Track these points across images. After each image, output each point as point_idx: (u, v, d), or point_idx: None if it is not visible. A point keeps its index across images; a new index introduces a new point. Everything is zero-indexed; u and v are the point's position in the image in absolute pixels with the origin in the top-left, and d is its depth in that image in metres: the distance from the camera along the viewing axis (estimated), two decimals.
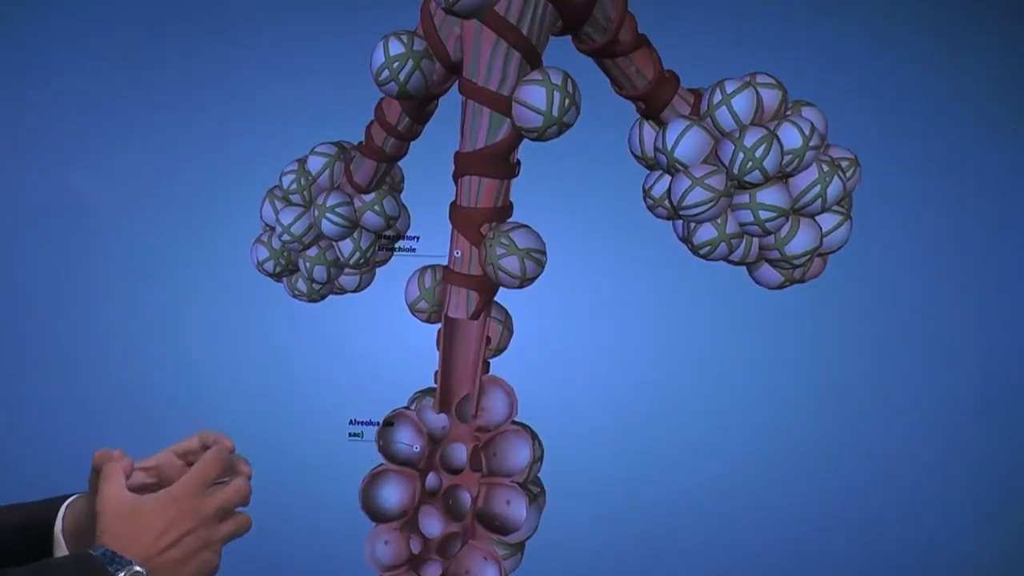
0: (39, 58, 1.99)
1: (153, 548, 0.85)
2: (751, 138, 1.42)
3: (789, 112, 1.50)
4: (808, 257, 1.51)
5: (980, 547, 1.90)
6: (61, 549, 0.94)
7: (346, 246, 1.73)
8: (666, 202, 1.52)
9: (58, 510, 0.96)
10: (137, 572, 0.83)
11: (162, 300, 2.00)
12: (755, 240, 1.52)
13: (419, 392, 1.62)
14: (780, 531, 1.90)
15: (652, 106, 1.55)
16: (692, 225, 1.50)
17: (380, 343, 1.85)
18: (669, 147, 1.46)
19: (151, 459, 1.01)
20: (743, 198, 1.47)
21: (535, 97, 1.41)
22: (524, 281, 1.49)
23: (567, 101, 1.41)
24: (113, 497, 0.89)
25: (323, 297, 1.81)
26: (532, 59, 1.45)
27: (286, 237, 1.73)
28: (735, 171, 1.43)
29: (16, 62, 1.99)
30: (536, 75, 1.42)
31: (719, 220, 1.48)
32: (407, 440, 1.56)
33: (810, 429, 1.88)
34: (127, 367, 2.01)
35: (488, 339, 1.56)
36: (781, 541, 1.90)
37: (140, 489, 0.94)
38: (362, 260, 1.74)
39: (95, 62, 1.99)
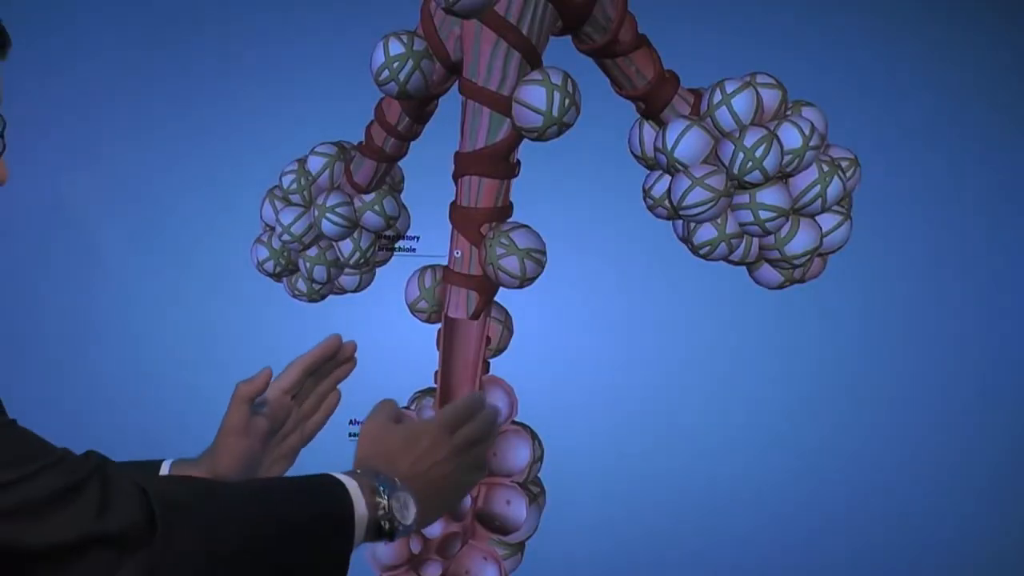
0: (39, 59, 1.99)
1: (409, 471, 0.87)
2: (751, 138, 1.42)
3: (789, 112, 1.50)
4: (808, 257, 1.51)
5: (980, 547, 1.90)
6: None
7: (346, 246, 1.73)
8: (666, 202, 1.52)
9: (157, 473, 0.97)
10: (397, 488, 0.84)
11: (162, 300, 2.00)
12: (755, 240, 1.52)
13: (419, 392, 1.62)
14: (780, 530, 1.90)
15: (652, 106, 1.55)
16: (692, 225, 1.50)
17: (380, 343, 1.84)
18: (669, 147, 1.46)
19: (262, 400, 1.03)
20: (743, 198, 1.47)
21: (535, 97, 1.41)
22: (524, 281, 1.49)
23: (567, 101, 1.41)
24: (374, 425, 0.94)
25: (323, 297, 1.81)
26: (532, 59, 1.45)
27: (286, 237, 1.73)
28: (735, 171, 1.43)
29: (14, 63, 1.99)
30: (536, 75, 1.42)
31: (719, 220, 1.48)
32: None
33: (810, 429, 1.88)
34: (127, 367, 2.01)
35: (488, 339, 1.56)
36: (781, 540, 1.90)
37: (259, 431, 0.99)
38: (362, 260, 1.74)
39: (95, 62, 1.99)
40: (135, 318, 2.01)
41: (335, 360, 1.09)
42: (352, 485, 0.82)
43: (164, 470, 0.97)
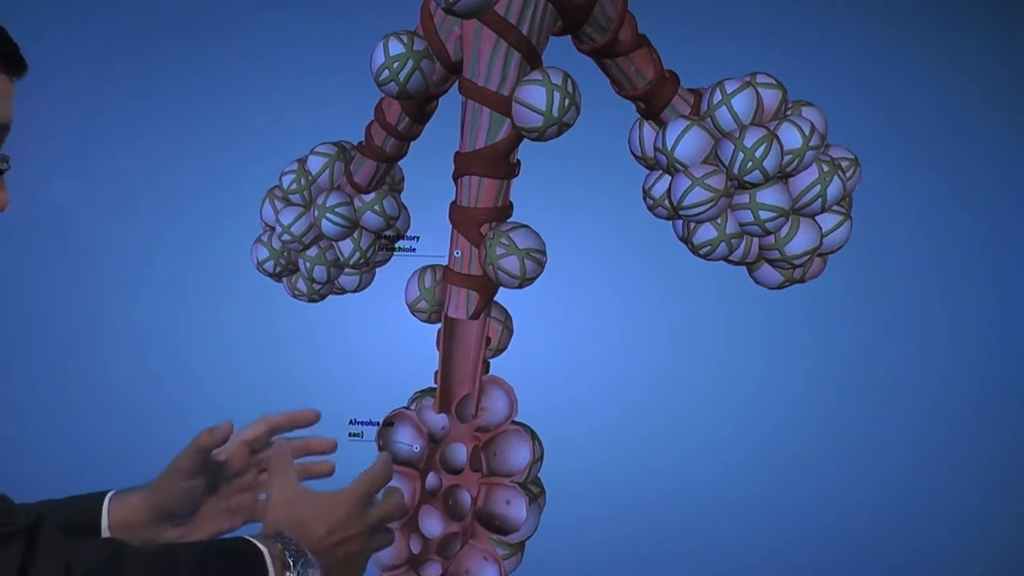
0: (39, 60, 1.99)
1: (322, 543, 0.87)
2: (751, 138, 1.42)
3: (789, 112, 1.50)
4: (808, 257, 1.51)
5: (979, 547, 1.90)
6: None
7: (346, 246, 1.73)
8: (666, 202, 1.52)
9: (100, 506, 0.96)
10: (310, 563, 0.85)
11: (162, 300, 2.00)
12: (755, 240, 1.52)
13: (419, 392, 1.62)
14: (780, 529, 1.90)
15: (652, 106, 1.55)
16: (692, 225, 1.50)
17: (380, 343, 1.85)
18: (669, 147, 1.46)
19: (221, 450, 1.01)
20: (743, 198, 1.47)
21: (535, 97, 1.40)
22: (524, 281, 1.49)
23: (567, 101, 1.41)
24: (288, 488, 0.92)
25: (323, 297, 1.81)
26: (532, 59, 1.45)
27: (286, 237, 1.73)
28: (735, 171, 1.43)
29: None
30: (536, 75, 1.42)
31: (719, 220, 1.48)
32: (407, 440, 1.56)
33: (810, 429, 1.88)
34: (128, 367, 2.01)
35: (488, 339, 1.56)
36: (781, 539, 1.90)
37: (207, 473, 0.97)
38: (362, 260, 1.74)
39: (96, 62, 1.99)
40: (136, 318, 2.01)
41: (308, 450, 1.07)
42: (267, 555, 0.82)
43: (106, 501, 0.97)
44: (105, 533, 0.94)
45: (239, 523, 1.02)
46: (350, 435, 1.60)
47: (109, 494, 0.98)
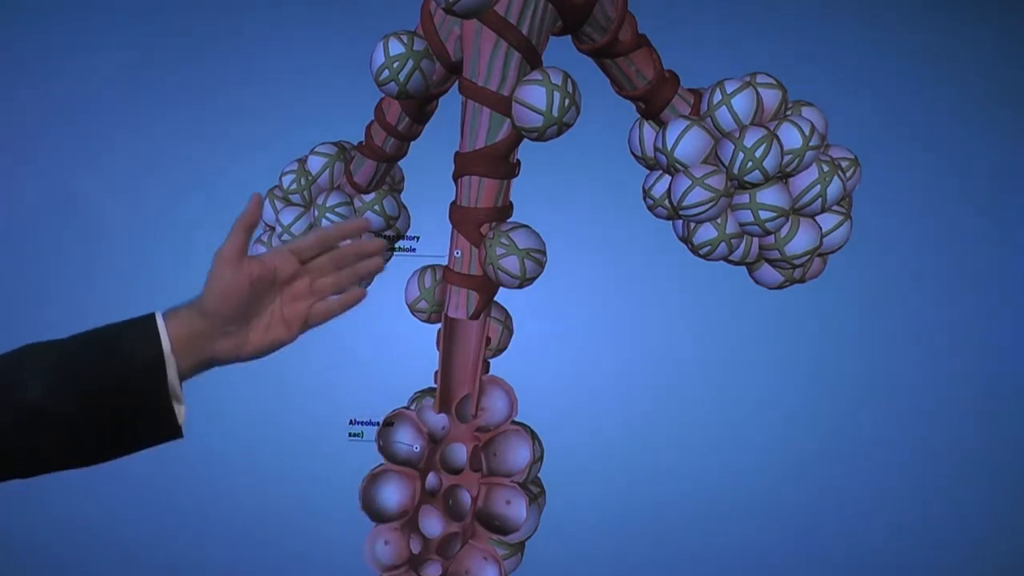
0: (39, 58, 1.99)
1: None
2: (751, 138, 1.42)
3: (789, 112, 1.50)
4: (808, 257, 1.51)
5: (982, 547, 1.90)
6: (173, 369, 0.95)
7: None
8: (666, 202, 1.52)
9: (155, 325, 0.98)
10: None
11: (161, 301, 2.00)
12: (755, 240, 1.52)
13: (419, 392, 1.62)
14: (781, 530, 1.90)
15: (652, 106, 1.55)
16: (692, 225, 1.50)
17: (380, 343, 1.84)
18: (669, 147, 1.46)
19: (268, 256, 1.02)
20: (743, 198, 1.47)
21: (535, 97, 1.41)
22: (524, 281, 1.49)
23: (567, 101, 1.41)
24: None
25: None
26: (532, 59, 1.45)
27: (286, 237, 1.73)
28: (735, 171, 1.43)
29: (15, 62, 1.99)
30: (536, 75, 1.42)
31: (719, 220, 1.48)
32: (407, 440, 1.56)
33: (810, 429, 1.88)
34: None
35: (488, 339, 1.56)
36: (782, 540, 1.90)
37: (252, 271, 0.98)
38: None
39: (96, 61, 1.99)
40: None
41: (358, 251, 1.06)
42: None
43: (159, 320, 0.99)
44: (168, 352, 0.95)
45: (295, 332, 1.01)
46: (350, 435, 1.60)
47: (158, 314, 0.98)
